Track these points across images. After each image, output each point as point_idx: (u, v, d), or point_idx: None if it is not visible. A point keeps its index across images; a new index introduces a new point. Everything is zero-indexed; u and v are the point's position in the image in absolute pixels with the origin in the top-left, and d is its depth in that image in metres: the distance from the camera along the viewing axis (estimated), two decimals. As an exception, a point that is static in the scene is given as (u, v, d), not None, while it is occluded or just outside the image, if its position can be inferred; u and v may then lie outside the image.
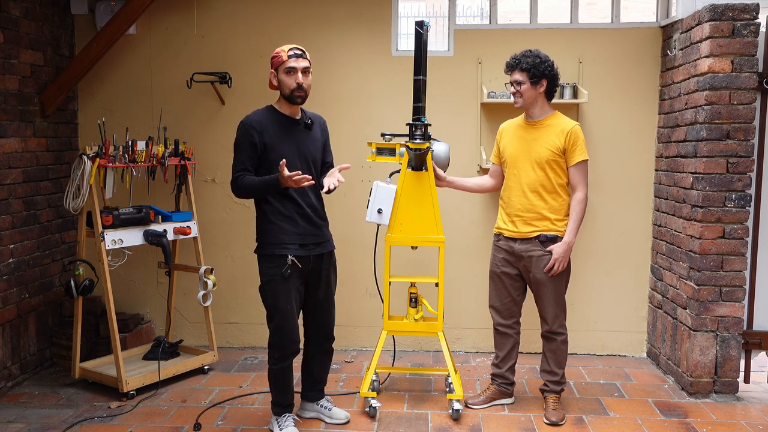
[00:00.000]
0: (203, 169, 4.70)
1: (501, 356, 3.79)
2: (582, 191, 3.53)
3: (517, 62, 3.52)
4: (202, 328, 4.71)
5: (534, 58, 3.48)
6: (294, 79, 3.24)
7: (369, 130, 4.49)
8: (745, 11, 3.71)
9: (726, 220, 3.82)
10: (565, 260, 3.52)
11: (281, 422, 3.42)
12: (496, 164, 3.81)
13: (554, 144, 3.51)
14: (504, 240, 3.66)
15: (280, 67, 3.25)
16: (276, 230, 3.30)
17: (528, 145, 3.57)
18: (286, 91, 3.27)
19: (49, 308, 4.42)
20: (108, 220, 3.85)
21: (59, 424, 3.54)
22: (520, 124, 3.67)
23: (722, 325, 3.88)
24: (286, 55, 3.24)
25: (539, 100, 3.56)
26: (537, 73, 3.47)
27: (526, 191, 3.56)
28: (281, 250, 3.28)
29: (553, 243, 3.53)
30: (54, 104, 4.34)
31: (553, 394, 3.71)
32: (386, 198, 3.69)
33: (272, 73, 3.29)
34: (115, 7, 4.41)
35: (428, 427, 3.55)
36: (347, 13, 4.60)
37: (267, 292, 3.33)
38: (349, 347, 4.79)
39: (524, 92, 3.51)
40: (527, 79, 3.49)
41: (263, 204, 3.34)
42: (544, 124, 3.57)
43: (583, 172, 3.54)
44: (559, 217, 3.56)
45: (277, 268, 3.28)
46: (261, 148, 3.26)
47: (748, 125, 3.78)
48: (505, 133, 3.72)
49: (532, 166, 3.54)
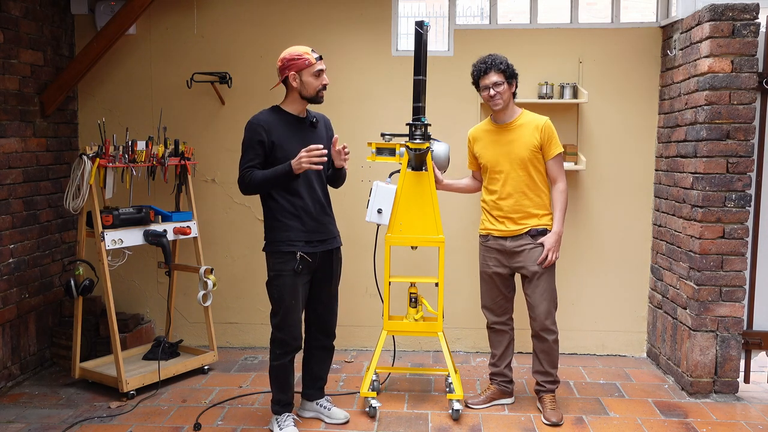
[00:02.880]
0: (203, 169, 4.70)
1: (498, 354, 3.80)
2: (562, 181, 3.62)
3: (492, 64, 3.55)
4: (202, 328, 4.71)
5: (502, 58, 3.57)
6: (321, 81, 3.31)
7: (369, 130, 4.49)
8: (745, 11, 3.71)
9: (726, 220, 3.82)
10: (557, 249, 3.58)
11: (281, 422, 3.43)
12: (474, 170, 3.86)
13: (531, 142, 3.56)
14: (493, 239, 3.68)
15: (307, 70, 3.28)
16: (283, 227, 3.33)
17: (506, 148, 3.60)
18: (311, 92, 3.32)
19: (49, 308, 4.42)
20: (108, 220, 3.85)
21: (59, 424, 3.55)
22: (489, 129, 3.69)
23: (722, 325, 3.88)
24: (313, 58, 3.29)
25: (511, 101, 3.62)
26: (510, 73, 3.55)
27: (512, 193, 3.59)
28: (288, 247, 3.32)
29: (543, 235, 3.59)
30: (54, 104, 4.35)
31: (549, 394, 3.71)
32: (386, 198, 3.69)
33: (293, 75, 3.28)
34: (115, 7, 4.41)
35: (428, 427, 3.55)
36: (347, 13, 4.60)
37: (274, 286, 3.36)
38: (349, 347, 4.79)
39: (503, 93, 3.55)
40: (504, 79, 3.54)
41: (270, 201, 3.36)
42: (517, 124, 3.61)
43: (560, 164, 3.63)
44: (545, 212, 3.62)
45: (286, 264, 3.31)
46: (269, 146, 3.28)
47: (748, 125, 3.78)
48: (477, 140, 3.75)
49: (515, 168, 3.58)
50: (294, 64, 3.28)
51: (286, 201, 3.32)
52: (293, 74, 3.28)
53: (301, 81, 3.29)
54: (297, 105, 3.37)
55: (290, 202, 3.33)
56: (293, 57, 3.29)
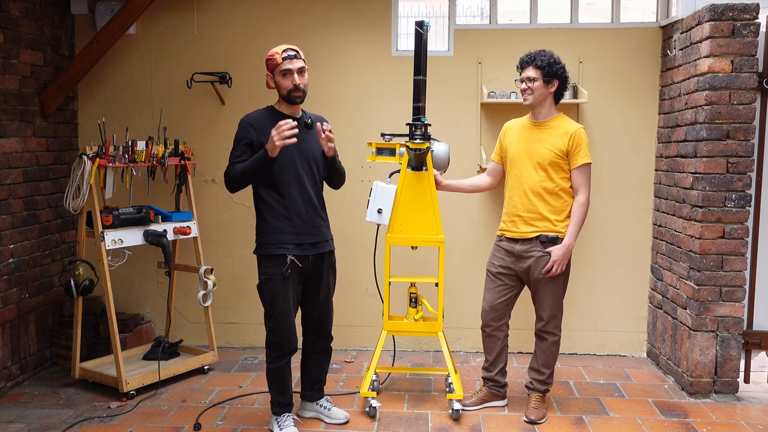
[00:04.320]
0: (203, 169, 4.70)
1: (490, 360, 3.78)
2: (584, 194, 3.52)
3: (531, 59, 3.52)
4: (202, 328, 4.71)
5: (549, 57, 3.50)
6: (290, 81, 3.25)
7: (369, 130, 4.49)
8: (745, 11, 3.71)
9: (726, 220, 3.82)
10: (563, 263, 3.52)
11: (281, 422, 3.43)
12: (497, 162, 3.80)
13: (557, 146, 3.50)
14: (506, 241, 3.66)
15: (276, 70, 3.26)
16: (273, 230, 3.30)
17: (531, 145, 3.56)
18: (284, 92, 3.29)
19: (49, 308, 4.42)
20: (108, 220, 3.85)
21: (59, 424, 3.54)
22: (524, 124, 3.66)
23: (722, 325, 3.88)
24: (280, 58, 3.23)
25: (548, 100, 3.55)
26: (551, 72, 3.48)
27: (527, 192, 3.56)
28: (278, 250, 3.29)
29: (553, 244, 3.53)
30: (54, 104, 4.34)
31: (536, 393, 3.70)
32: (386, 198, 3.69)
33: (268, 75, 3.29)
34: (115, 7, 4.41)
35: (428, 427, 3.55)
36: (347, 13, 4.60)
37: (265, 290, 3.33)
38: (349, 347, 4.79)
39: (536, 89, 3.50)
40: (541, 76, 3.49)
41: (260, 203, 3.33)
42: (549, 125, 3.56)
43: (586, 175, 3.53)
44: (560, 218, 3.55)
45: (275, 267, 3.28)
46: (258, 146, 3.25)
47: (748, 125, 3.78)
48: (509, 132, 3.72)
49: (534, 168, 3.54)
50: (269, 64, 3.28)
51: (276, 202, 3.29)
52: (268, 74, 3.29)
53: (275, 81, 3.28)
54: (283, 105, 3.34)
55: (281, 203, 3.29)
56: (268, 56, 3.28)
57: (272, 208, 3.30)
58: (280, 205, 3.30)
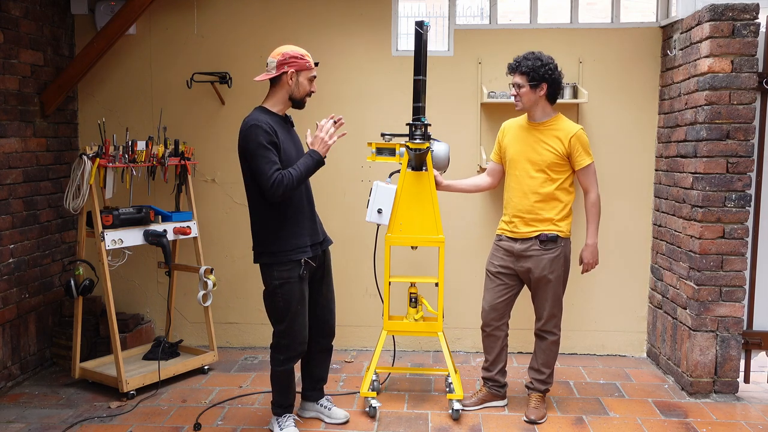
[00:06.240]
0: (203, 169, 4.70)
1: (490, 360, 3.78)
2: (594, 192, 3.59)
3: (517, 65, 3.50)
4: (202, 328, 4.71)
5: (534, 60, 3.45)
6: (312, 87, 3.30)
7: (369, 130, 4.49)
8: (745, 11, 3.71)
9: (726, 220, 3.82)
10: (595, 260, 3.67)
11: (281, 422, 3.42)
12: (496, 162, 3.80)
13: (556, 148, 3.49)
14: (505, 240, 3.66)
15: (305, 72, 3.26)
16: (288, 236, 3.25)
17: (529, 147, 3.55)
18: (301, 95, 3.29)
19: (49, 308, 4.42)
20: (108, 220, 3.85)
21: (59, 424, 3.55)
22: (522, 125, 3.64)
23: (722, 325, 3.88)
24: (312, 63, 3.28)
25: (540, 103, 3.53)
26: (536, 76, 3.44)
27: (527, 193, 3.56)
28: (298, 255, 3.25)
29: (554, 243, 3.53)
30: (54, 104, 4.35)
31: (536, 393, 3.70)
32: (386, 198, 3.69)
33: (292, 72, 3.23)
34: (115, 7, 4.41)
35: (428, 427, 3.55)
36: (347, 13, 4.60)
37: (278, 295, 3.25)
38: (349, 347, 4.79)
39: (523, 95, 3.50)
40: (526, 82, 3.46)
41: (266, 210, 3.24)
42: (547, 126, 3.55)
43: (592, 174, 3.57)
44: (560, 217, 3.55)
45: (291, 271, 3.24)
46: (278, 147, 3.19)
47: (748, 125, 3.78)
48: (507, 132, 3.71)
49: (533, 170, 3.53)
50: (295, 62, 3.23)
51: (287, 207, 3.24)
52: (292, 72, 3.23)
53: (297, 81, 3.25)
54: (282, 105, 3.30)
55: (291, 207, 3.25)
56: (296, 55, 3.24)
57: (281, 214, 3.24)
58: (291, 210, 3.26)
